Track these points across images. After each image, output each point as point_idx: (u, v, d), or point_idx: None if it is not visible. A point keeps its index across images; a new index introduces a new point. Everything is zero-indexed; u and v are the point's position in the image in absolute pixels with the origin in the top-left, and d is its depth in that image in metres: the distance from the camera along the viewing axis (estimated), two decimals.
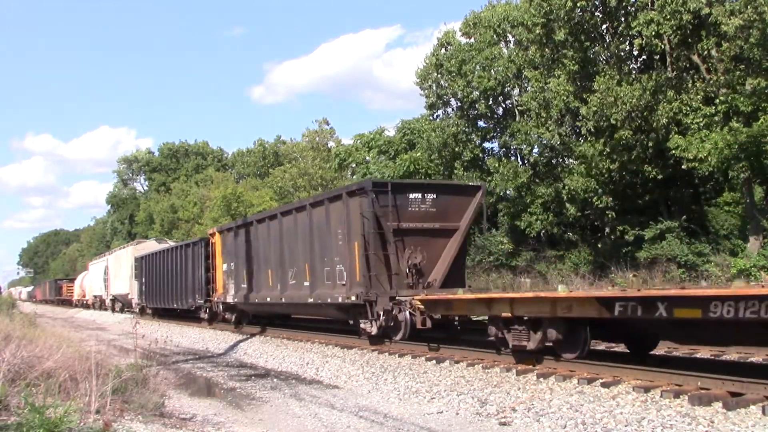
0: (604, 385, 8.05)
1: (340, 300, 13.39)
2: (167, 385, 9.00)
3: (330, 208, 14.02)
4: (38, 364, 7.96)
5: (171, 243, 33.17)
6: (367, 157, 38.95)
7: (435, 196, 13.14)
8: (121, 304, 38.60)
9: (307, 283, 15.01)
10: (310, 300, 14.71)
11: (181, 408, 8.70)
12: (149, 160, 76.51)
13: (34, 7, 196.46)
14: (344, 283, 13.36)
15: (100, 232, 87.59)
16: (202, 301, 22.65)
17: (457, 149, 31.26)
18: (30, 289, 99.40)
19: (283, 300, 16.22)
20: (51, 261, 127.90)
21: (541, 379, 8.86)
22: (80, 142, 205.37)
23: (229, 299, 19.90)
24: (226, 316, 20.97)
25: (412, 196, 12.97)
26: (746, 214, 22.12)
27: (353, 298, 12.83)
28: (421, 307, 11.39)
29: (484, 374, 9.77)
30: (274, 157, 61.33)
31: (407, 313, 11.69)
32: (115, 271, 39.20)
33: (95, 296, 46.67)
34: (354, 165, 40.41)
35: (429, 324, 11.40)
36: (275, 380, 11.62)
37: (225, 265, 20.48)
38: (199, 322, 24.05)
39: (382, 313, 12.22)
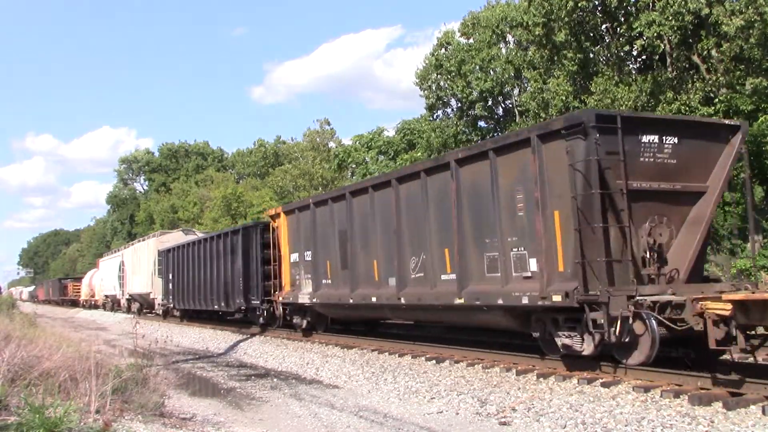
0: (604, 385, 8.06)
1: (525, 301, 8.97)
2: (167, 385, 9.00)
3: (498, 162, 9.64)
4: (38, 364, 7.97)
5: (200, 234, 29.07)
6: (367, 158, 39.00)
7: (676, 141, 8.87)
8: (139, 304, 34.17)
9: (448, 277, 10.67)
10: (459, 301, 10.23)
11: (181, 408, 8.70)
12: (149, 160, 76.57)
13: (35, 8, 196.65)
14: (530, 275, 9.06)
15: (101, 232, 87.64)
16: (258, 302, 18.04)
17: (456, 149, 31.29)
18: (32, 288, 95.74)
19: (403, 300, 11.73)
20: (51, 261, 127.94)
21: (541, 379, 8.86)
22: (81, 142, 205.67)
23: (303, 299, 15.40)
24: (294, 321, 16.64)
25: (645, 138, 8.70)
26: (746, 214, 22.14)
27: (556, 298, 8.48)
28: (725, 312, 7.03)
29: (484, 374, 9.77)
30: (274, 157, 61.38)
31: (653, 322, 7.63)
32: (132, 267, 34.15)
33: (107, 296, 42.00)
34: (354, 165, 40.46)
35: (742, 343, 7.03)
36: (275, 380, 11.62)
37: (295, 255, 15.96)
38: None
39: (616, 322, 7.88)
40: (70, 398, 6.59)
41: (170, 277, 26.70)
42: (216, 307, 21.62)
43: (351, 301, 13.47)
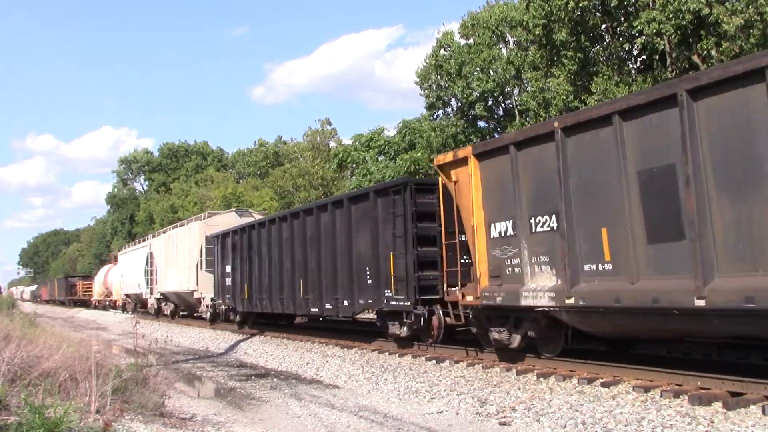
0: (604, 384, 8.06)
1: None
2: (167, 385, 9.01)
3: None
4: (38, 364, 7.96)
5: (257, 215, 24.03)
6: (366, 157, 38.98)
7: None
8: (174, 305, 28.26)
9: None
10: None
11: (181, 408, 8.70)
12: (149, 160, 76.59)
13: (36, 8, 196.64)
14: None
15: (100, 232, 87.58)
16: (408, 303, 11.53)
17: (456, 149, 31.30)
18: (34, 288, 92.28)
19: None
20: (51, 261, 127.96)
21: (541, 379, 8.86)
22: (81, 142, 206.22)
23: (535, 298, 8.99)
24: (493, 335, 10.03)
25: None
26: None
27: None
28: None
29: (484, 374, 9.77)
30: (274, 157, 61.40)
31: None
32: (166, 259, 27.65)
33: (128, 295, 35.98)
34: (354, 165, 40.46)
35: None
36: (275, 380, 11.62)
37: (502, 225, 9.66)
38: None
39: None
40: (70, 398, 6.59)
41: (227, 269, 20.66)
42: (315, 309, 15.04)
43: (700, 303, 6.82)
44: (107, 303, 43.38)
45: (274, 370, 13.17)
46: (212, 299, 22.26)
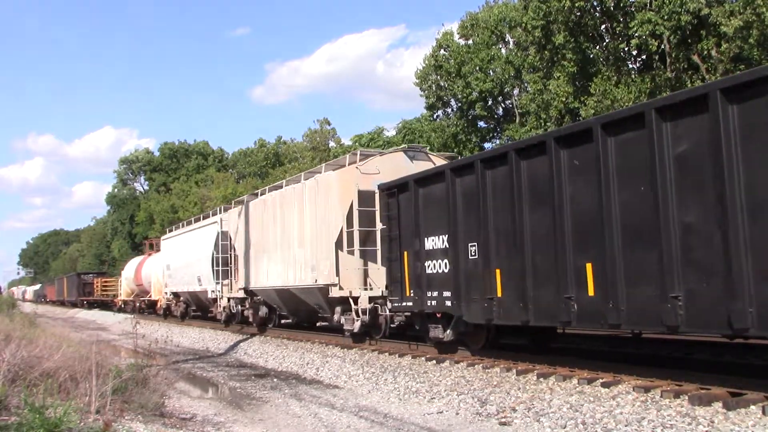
0: (604, 385, 8.06)
1: None
2: (167, 385, 9.01)
3: None
4: (38, 364, 7.97)
5: (437, 159, 14.47)
6: None
7: None
8: (267, 309, 18.57)
9: None
10: None
11: (181, 408, 8.71)
12: (150, 160, 76.58)
13: (37, 8, 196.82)
14: None
15: (101, 232, 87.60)
16: None
17: (456, 149, 31.37)
18: (37, 287, 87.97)
19: None
20: (51, 261, 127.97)
21: (541, 379, 8.86)
22: (82, 142, 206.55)
23: None
24: None
25: None
26: None
27: None
28: None
29: (484, 374, 9.77)
30: (275, 157, 61.39)
31: None
32: (259, 238, 18.08)
33: (177, 294, 26.58)
34: None
35: None
36: (275, 380, 11.62)
37: None
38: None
39: None
40: (70, 398, 6.59)
41: (426, 245, 11.20)
42: None
43: None
44: (138, 304, 33.60)
45: (274, 370, 13.17)
46: (371, 298, 13.01)
